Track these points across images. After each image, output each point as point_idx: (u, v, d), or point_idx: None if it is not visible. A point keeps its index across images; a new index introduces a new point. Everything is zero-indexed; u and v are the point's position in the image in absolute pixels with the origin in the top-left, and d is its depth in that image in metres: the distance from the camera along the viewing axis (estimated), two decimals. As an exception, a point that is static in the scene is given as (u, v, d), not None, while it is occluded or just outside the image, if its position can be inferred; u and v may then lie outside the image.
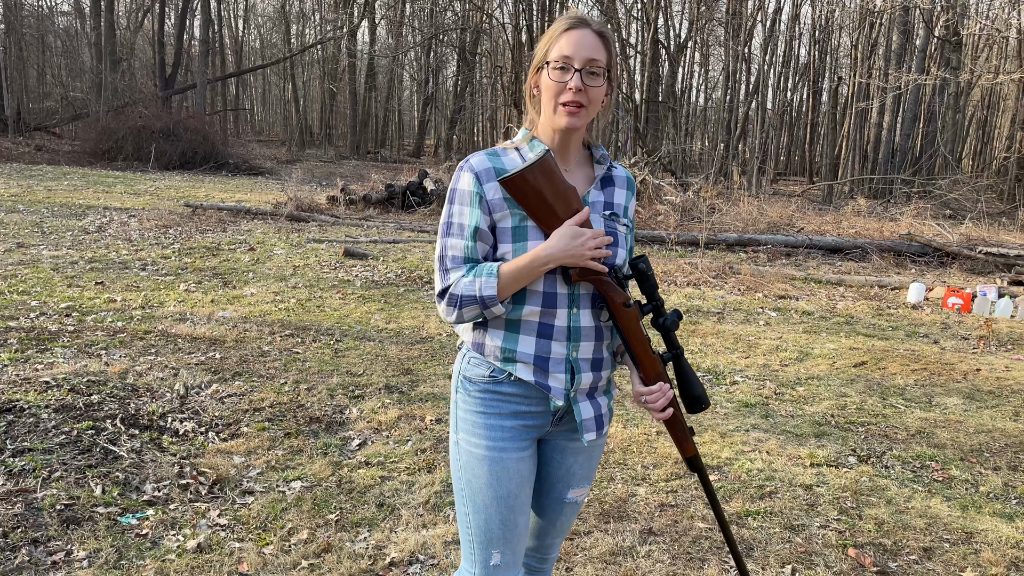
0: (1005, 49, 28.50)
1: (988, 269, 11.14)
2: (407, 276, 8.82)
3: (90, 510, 3.23)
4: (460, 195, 1.74)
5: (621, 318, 1.76)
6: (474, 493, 1.81)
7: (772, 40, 30.63)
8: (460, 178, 1.74)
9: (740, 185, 22.62)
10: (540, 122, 1.79)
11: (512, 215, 1.72)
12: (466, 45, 34.03)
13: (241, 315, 6.63)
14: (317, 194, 16.31)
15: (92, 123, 25.35)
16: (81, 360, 5.12)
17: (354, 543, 3.13)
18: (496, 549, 1.82)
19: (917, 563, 3.13)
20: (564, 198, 1.70)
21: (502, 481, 1.78)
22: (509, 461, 1.79)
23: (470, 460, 1.81)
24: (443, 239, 1.76)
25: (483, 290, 1.68)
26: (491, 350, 1.77)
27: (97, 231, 10.67)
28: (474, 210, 1.72)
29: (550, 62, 1.71)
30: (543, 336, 1.75)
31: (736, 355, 6.26)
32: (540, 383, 1.75)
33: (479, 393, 1.79)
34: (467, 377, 1.81)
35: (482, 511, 1.80)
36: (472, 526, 1.83)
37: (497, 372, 1.77)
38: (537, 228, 1.72)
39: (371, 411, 4.54)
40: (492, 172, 1.73)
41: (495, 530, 1.81)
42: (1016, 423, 4.88)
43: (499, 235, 1.73)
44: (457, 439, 1.84)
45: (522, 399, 1.78)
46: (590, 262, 1.68)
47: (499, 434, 1.78)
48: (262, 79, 47.63)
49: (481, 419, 1.79)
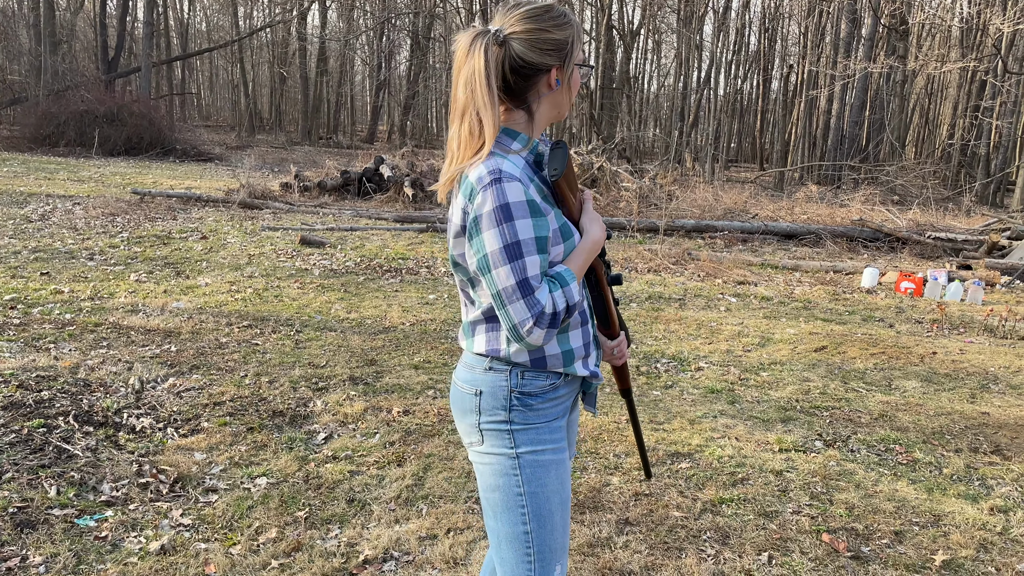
0: (949, 38, 29.18)
1: (937, 254, 11.41)
2: (367, 264, 8.68)
3: (45, 512, 3.08)
4: (517, 207, 1.56)
5: (605, 285, 1.82)
6: (540, 506, 1.72)
7: (724, 28, 30.90)
8: (508, 191, 1.55)
9: (694, 172, 22.81)
10: (545, 114, 1.72)
11: (557, 214, 1.67)
12: (419, 29, 33.65)
13: (196, 306, 6.44)
14: (270, 181, 15.99)
15: (32, 107, 24.41)
16: (29, 354, 4.91)
17: (325, 541, 3.04)
18: (559, 561, 1.76)
19: (889, 547, 3.16)
20: (578, 185, 1.76)
21: (565, 483, 1.76)
22: (566, 460, 1.79)
23: (535, 471, 1.72)
24: (515, 262, 1.55)
25: (575, 296, 1.62)
26: (554, 360, 1.71)
27: (40, 219, 10.28)
28: (538, 219, 1.59)
29: (578, 61, 1.72)
30: (584, 323, 1.77)
31: (699, 341, 6.28)
32: (591, 371, 1.77)
33: (541, 404, 1.73)
34: (526, 393, 1.70)
35: (547, 522, 1.73)
36: (535, 543, 1.73)
37: (555, 378, 1.73)
38: (568, 222, 1.71)
39: (336, 403, 4.43)
40: (527, 177, 1.63)
41: (559, 539, 1.75)
42: (973, 405, 4.98)
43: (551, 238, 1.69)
44: (516, 455, 1.72)
45: (569, 395, 1.79)
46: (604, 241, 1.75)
47: (559, 435, 1.76)
48: (209, 63, 46.52)
49: (544, 426, 1.74)
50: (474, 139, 1.61)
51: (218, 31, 42.60)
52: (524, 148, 1.68)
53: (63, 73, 26.17)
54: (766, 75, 32.52)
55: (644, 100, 39.85)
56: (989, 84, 23.86)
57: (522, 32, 1.63)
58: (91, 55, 32.36)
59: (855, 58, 22.68)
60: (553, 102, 1.71)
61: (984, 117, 24.03)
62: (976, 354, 6.17)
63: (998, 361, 5.99)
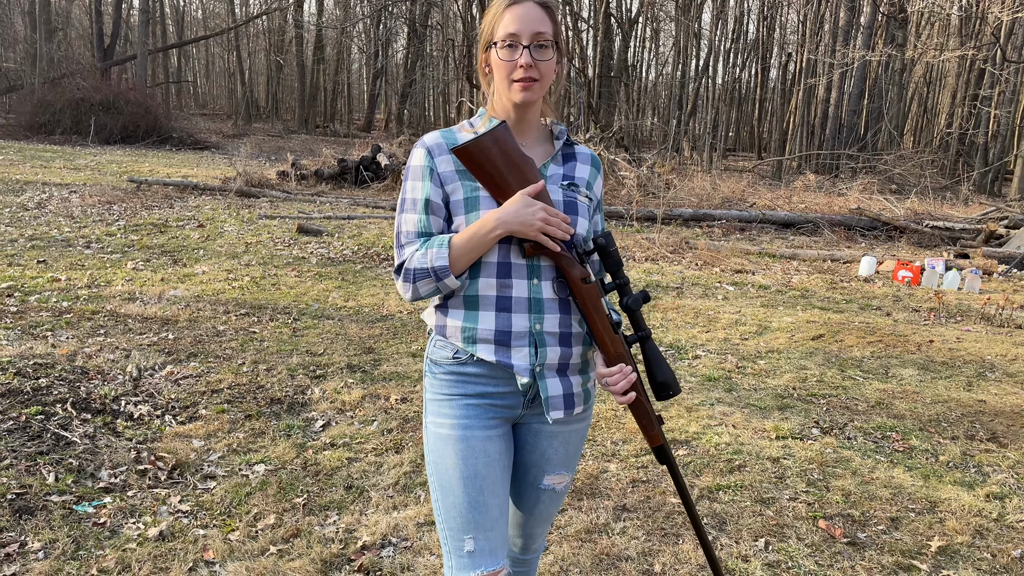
0: (948, 26, 29.11)
1: (935, 242, 11.42)
2: (364, 253, 8.67)
3: (43, 499, 3.08)
4: (413, 171, 1.75)
5: (580, 294, 1.69)
6: (441, 475, 1.75)
7: (722, 16, 30.79)
8: (413, 155, 1.75)
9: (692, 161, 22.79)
10: (494, 99, 1.77)
11: (464, 186, 1.71)
12: (416, 17, 33.48)
13: (193, 294, 6.43)
14: (267, 169, 15.95)
15: (27, 95, 24.31)
16: (26, 342, 4.90)
17: (323, 527, 3.04)
18: (468, 534, 1.73)
19: (885, 533, 3.18)
20: (519, 168, 1.67)
21: (468, 460, 1.72)
22: (475, 440, 1.72)
23: (437, 442, 1.76)
24: (399, 216, 1.77)
25: (435, 261, 1.65)
26: (453, 331, 1.72)
27: (37, 207, 10.25)
28: (425, 183, 1.72)
29: (497, 41, 1.69)
30: (502, 309, 1.69)
31: (697, 329, 6.29)
32: (502, 361, 1.69)
33: (444, 375, 1.75)
34: (433, 360, 1.78)
35: (450, 493, 1.73)
36: (443, 512, 1.76)
37: (460, 353, 1.73)
38: (491, 199, 1.69)
39: (334, 391, 4.44)
40: (443, 146, 1.74)
41: (465, 513, 1.72)
42: (970, 393, 5.00)
43: (452, 208, 1.72)
44: (426, 423, 1.80)
45: (488, 380, 1.73)
46: (541, 236, 1.63)
47: (463, 412, 1.74)
48: (205, 51, 46.27)
49: (447, 399, 1.75)
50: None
51: (214, 18, 42.35)
52: (481, 124, 1.78)
53: (59, 61, 26.07)
54: (764, 63, 32.44)
55: (642, 89, 39.75)
56: (988, 73, 23.82)
57: None
58: (87, 43, 32.20)
59: (854, 46, 22.63)
60: (492, 86, 1.77)
61: (982, 106, 24.01)
62: (973, 342, 6.18)
63: (995, 349, 6.00)
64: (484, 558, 1.73)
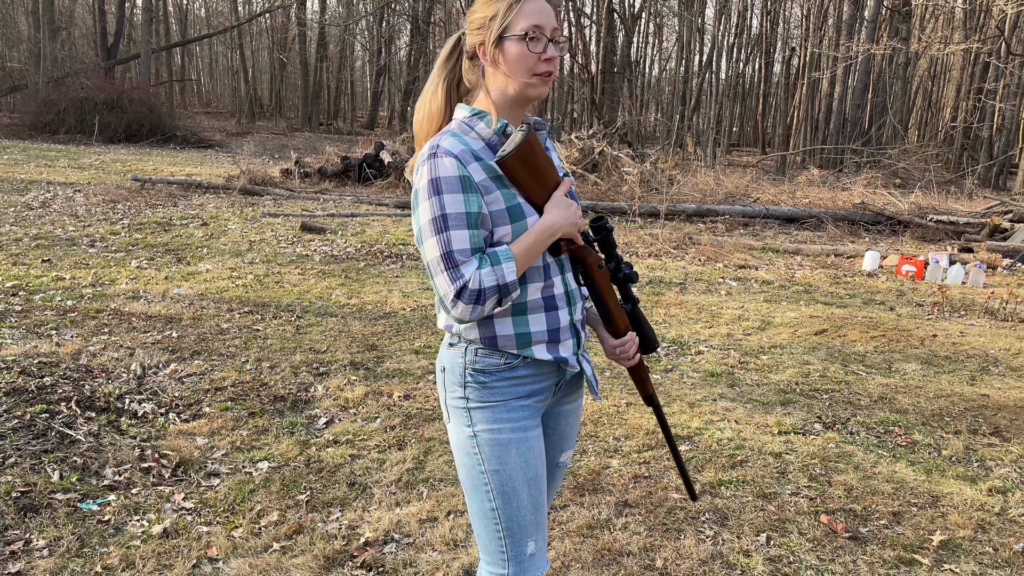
0: (952, 20, 28.99)
1: (939, 237, 11.39)
2: (367, 250, 8.68)
3: (48, 497, 3.10)
4: (448, 183, 1.59)
5: (598, 279, 1.79)
6: (503, 483, 1.73)
7: (726, 10, 30.71)
8: (440, 165, 1.60)
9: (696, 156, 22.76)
10: (497, 94, 1.71)
11: (504, 195, 1.66)
12: (419, 14, 33.47)
13: (197, 292, 6.45)
14: (270, 167, 15.96)
15: (31, 95, 24.37)
16: (31, 341, 4.93)
17: (326, 524, 3.06)
18: (531, 537, 1.76)
19: (887, 527, 3.18)
20: (550, 169, 1.71)
21: (530, 462, 1.75)
22: (532, 439, 1.76)
23: (494, 449, 1.73)
24: (440, 235, 1.59)
25: (506, 276, 1.60)
26: (506, 340, 1.71)
27: (41, 207, 10.28)
28: (470, 195, 1.60)
29: (518, 34, 1.65)
30: (550, 309, 1.74)
31: (700, 325, 6.29)
32: (556, 357, 1.75)
33: (496, 382, 1.73)
34: (479, 370, 1.72)
35: (513, 499, 1.74)
36: (503, 520, 1.75)
37: (511, 359, 1.72)
38: (528, 204, 1.69)
39: (337, 388, 4.45)
40: (469, 154, 1.64)
41: (528, 516, 1.75)
42: (973, 387, 4.99)
43: (493, 218, 1.66)
44: (474, 433, 1.74)
45: (535, 377, 1.76)
46: (577, 234, 1.72)
47: (520, 414, 1.74)
48: (208, 49, 46.31)
49: (501, 404, 1.73)
50: (434, 120, 1.77)
51: (217, 17, 42.38)
52: (489, 129, 1.69)
53: (62, 60, 26.10)
54: (768, 58, 32.34)
55: (645, 84, 39.68)
56: (992, 66, 23.73)
57: (467, 19, 1.73)
58: (90, 42, 32.22)
59: (858, 40, 22.56)
60: (495, 79, 1.70)
61: (987, 99, 23.92)
62: (977, 336, 6.17)
63: (998, 343, 5.99)
64: (542, 558, 1.81)
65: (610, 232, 1.81)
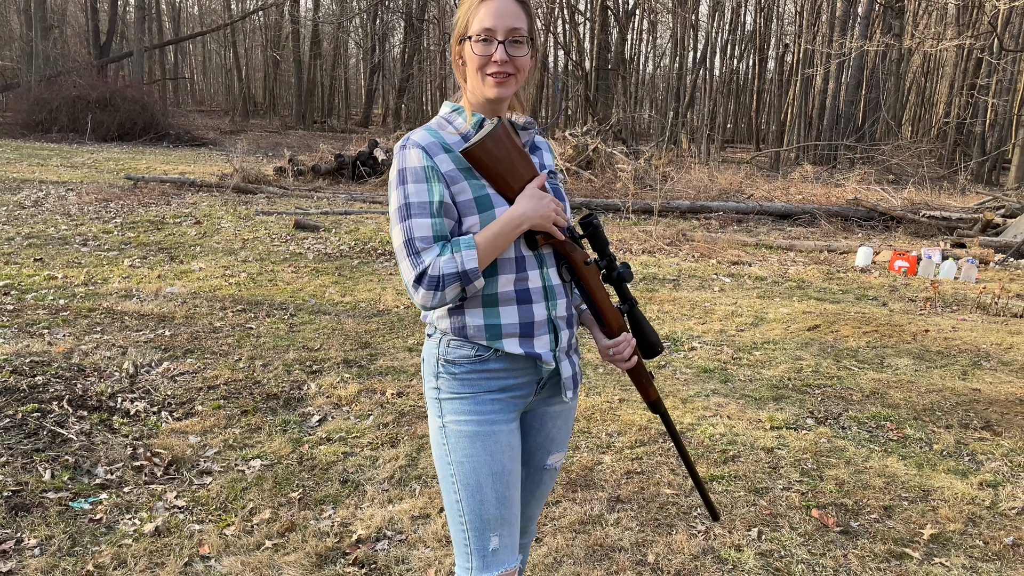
0: (945, 16, 29.04)
1: (931, 232, 11.42)
2: (361, 248, 8.67)
3: (40, 496, 3.10)
4: (413, 173, 1.66)
5: (584, 276, 1.77)
6: (466, 475, 1.73)
7: (719, 7, 30.72)
8: (407, 156, 1.67)
9: (689, 153, 22.78)
10: (469, 92, 1.76)
11: (471, 185, 1.68)
12: (413, 11, 33.42)
13: (190, 291, 6.44)
14: (264, 165, 15.93)
15: (23, 93, 24.28)
16: (22, 340, 4.91)
17: (319, 521, 3.06)
18: (494, 532, 1.75)
19: (878, 521, 3.19)
20: (523, 162, 1.71)
21: (495, 456, 1.73)
22: (501, 434, 1.74)
23: (460, 440, 1.74)
24: (404, 223, 1.65)
25: (465, 264, 1.61)
26: (475, 331, 1.71)
27: (34, 206, 10.25)
28: (433, 185, 1.65)
29: (472, 35, 1.68)
30: (523, 302, 1.73)
31: (693, 321, 6.30)
32: (529, 352, 1.73)
33: (465, 374, 1.73)
34: (450, 360, 1.74)
35: (476, 492, 1.73)
36: (466, 512, 1.74)
37: (482, 351, 1.72)
38: (498, 195, 1.70)
39: (330, 386, 4.45)
40: (438, 146, 1.68)
41: (491, 510, 1.74)
42: (965, 382, 5.01)
43: (461, 208, 1.68)
44: (443, 423, 1.76)
45: (509, 372, 1.75)
46: (552, 226, 1.70)
47: (488, 407, 1.73)
48: (202, 47, 46.20)
49: (469, 396, 1.73)
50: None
51: (210, 15, 42.27)
52: (466, 123, 1.74)
53: (55, 58, 26.01)
54: (762, 55, 32.37)
55: (639, 81, 39.67)
56: (985, 62, 23.77)
57: None
58: (83, 40, 32.12)
59: (851, 36, 22.58)
60: (467, 78, 1.74)
61: (980, 95, 23.97)
62: (968, 331, 6.20)
63: (990, 338, 6.02)
64: (507, 555, 1.77)
65: (598, 228, 1.79)
